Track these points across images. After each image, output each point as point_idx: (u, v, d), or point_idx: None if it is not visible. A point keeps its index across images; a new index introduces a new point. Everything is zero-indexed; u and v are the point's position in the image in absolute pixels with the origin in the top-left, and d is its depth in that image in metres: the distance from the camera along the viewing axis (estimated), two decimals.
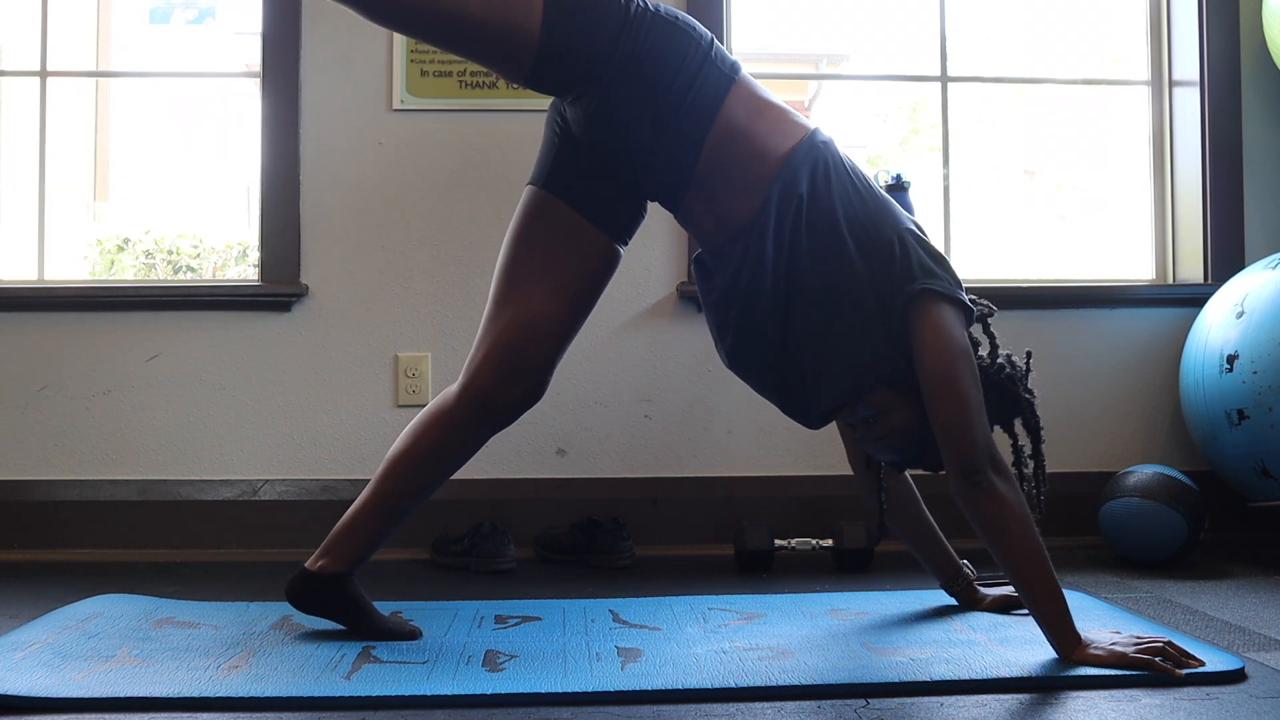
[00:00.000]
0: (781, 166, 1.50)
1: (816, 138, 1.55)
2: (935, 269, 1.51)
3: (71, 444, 2.55)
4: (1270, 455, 2.17)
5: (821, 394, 1.55)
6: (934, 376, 1.47)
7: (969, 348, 1.51)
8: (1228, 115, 2.69)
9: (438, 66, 2.61)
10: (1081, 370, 2.66)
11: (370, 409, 2.58)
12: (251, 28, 2.66)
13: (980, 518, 1.46)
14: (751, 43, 3.09)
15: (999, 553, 1.45)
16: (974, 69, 3.61)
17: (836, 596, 1.92)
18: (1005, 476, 1.47)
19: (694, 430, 2.59)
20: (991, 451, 1.48)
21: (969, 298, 1.56)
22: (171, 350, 2.57)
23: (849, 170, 1.56)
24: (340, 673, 1.40)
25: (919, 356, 1.48)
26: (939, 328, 1.47)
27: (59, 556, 2.42)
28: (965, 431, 1.46)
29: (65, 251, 3.59)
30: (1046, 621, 1.44)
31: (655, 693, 1.34)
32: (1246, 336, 2.21)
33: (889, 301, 1.50)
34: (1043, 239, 4.27)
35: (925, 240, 1.57)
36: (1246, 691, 1.35)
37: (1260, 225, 2.69)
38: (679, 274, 2.62)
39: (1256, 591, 1.98)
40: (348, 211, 2.60)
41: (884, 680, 1.38)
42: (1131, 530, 2.22)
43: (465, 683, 1.37)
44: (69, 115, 3.41)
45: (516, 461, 2.58)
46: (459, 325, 2.60)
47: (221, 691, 1.33)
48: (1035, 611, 1.45)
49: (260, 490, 2.55)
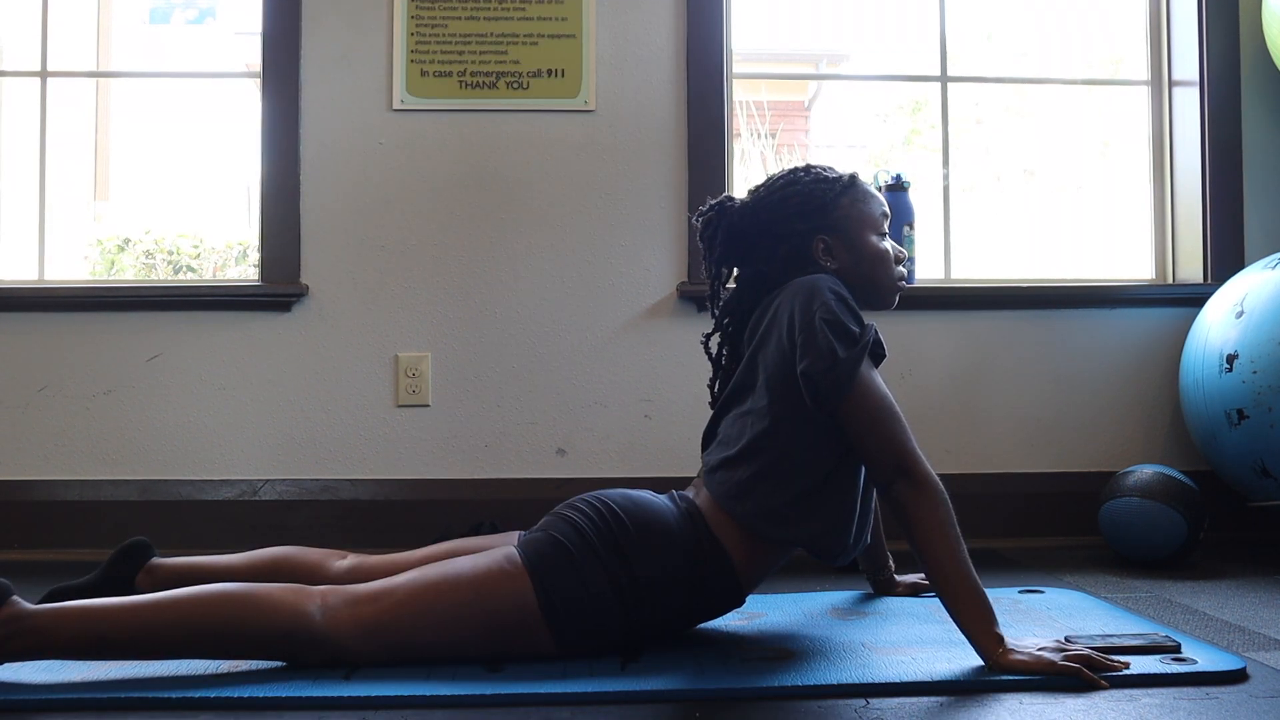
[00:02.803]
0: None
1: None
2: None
3: (71, 444, 2.55)
4: (1270, 455, 2.17)
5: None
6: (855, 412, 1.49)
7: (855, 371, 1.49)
8: (1228, 115, 2.69)
9: (438, 67, 2.61)
10: (1081, 370, 2.67)
11: (370, 409, 2.58)
12: (251, 28, 2.66)
13: (906, 516, 1.45)
14: (751, 43, 3.10)
15: (922, 551, 1.44)
16: (974, 69, 3.62)
17: (836, 596, 1.92)
18: (930, 477, 1.46)
19: (694, 430, 2.58)
20: (918, 451, 1.47)
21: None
22: (172, 350, 2.57)
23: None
24: (340, 673, 1.40)
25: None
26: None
27: (59, 556, 2.42)
28: (890, 433, 1.46)
29: (65, 251, 3.59)
30: (966, 622, 1.42)
31: (655, 693, 1.34)
32: (1246, 336, 2.21)
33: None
34: (1043, 239, 4.27)
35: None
36: (1247, 691, 1.35)
37: (1260, 225, 2.69)
38: (679, 274, 2.62)
39: (1256, 591, 1.98)
40: (348, 211, 2.60)
41: (884, 680, 1.38)
42: (1131, 530, 2.22)
43: (465, 683, 1.37)
44: (69, 115, 3.41)
45: (516, 461, 2.59)
46: (459, 325, 2.60)
47: (221, 691, 1.33)
48: (955, 612, 1.43)
49: (260, 490, 2.55)
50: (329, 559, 1.70)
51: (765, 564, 1.58)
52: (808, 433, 1.52)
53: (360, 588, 1.46)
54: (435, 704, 1.31)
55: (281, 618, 1.40)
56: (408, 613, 1.43)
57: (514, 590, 1.45)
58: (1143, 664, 1.42)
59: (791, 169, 1.70)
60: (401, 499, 2.55)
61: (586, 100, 2.63)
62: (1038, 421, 2.66)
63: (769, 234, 1.65)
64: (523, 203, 2.61)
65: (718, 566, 1.53)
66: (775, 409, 1.54)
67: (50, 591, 1.57)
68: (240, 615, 1.39)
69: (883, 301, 1.68)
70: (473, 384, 2.60)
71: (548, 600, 1.44)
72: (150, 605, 1.40)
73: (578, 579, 1.46)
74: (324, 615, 1.41)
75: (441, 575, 1.46)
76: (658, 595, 1.50)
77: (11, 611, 1.36)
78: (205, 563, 1.68)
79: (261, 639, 1.40)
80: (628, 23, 2.65)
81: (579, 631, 1.47)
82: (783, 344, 1.53)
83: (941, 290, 2.68)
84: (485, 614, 1.44)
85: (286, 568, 1.66)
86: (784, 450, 1.53)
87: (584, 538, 1.48)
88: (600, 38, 2.64)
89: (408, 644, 1.43)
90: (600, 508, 1.52)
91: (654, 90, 2.65)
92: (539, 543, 1.49)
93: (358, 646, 1.41)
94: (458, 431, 2.59)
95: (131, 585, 1.63)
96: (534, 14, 2.63)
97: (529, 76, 2.62)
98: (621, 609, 1.47)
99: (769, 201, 1.67)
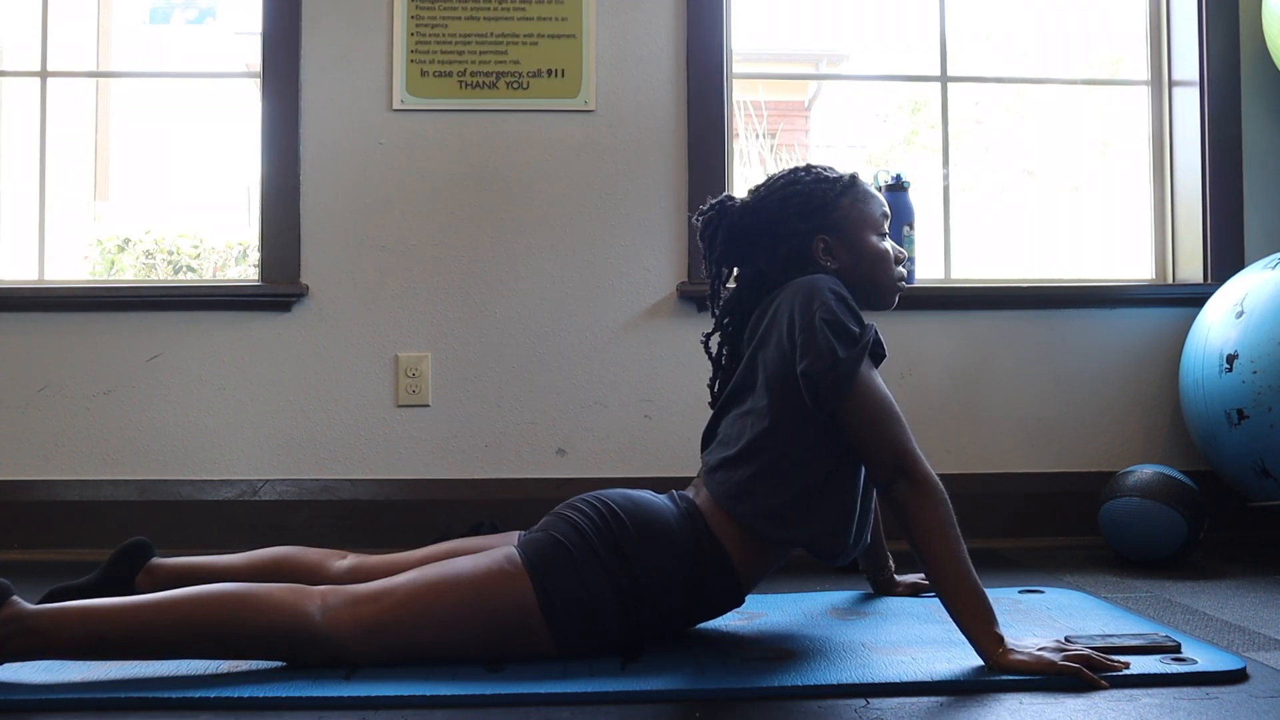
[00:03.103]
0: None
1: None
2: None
3: (71, 444, 2.55)
4: (1270, 455, 2.17)
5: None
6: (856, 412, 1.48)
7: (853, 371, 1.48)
8: (1228, 115, 2.69)
9: (438, 67, 2.61)
10: (1081, 370, 2.67)
11: (370, 409, 2.58)
12: (251, 28, 2.66)
13: (906, 516, 1.45)
14: (751, 43, 3.10)
15: (922, 551, 1.44)
16: (974, 69, 3.62)
17: (836, 596, 1.92)
18: (930, 477, 1.46)
19: (694, 430, 2.58)
20: (918, 451, 1.47)
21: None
22: (172, 350, 2.57)
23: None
24: (340, 673, 1.40)
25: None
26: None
27: (59, 556, 2.42)
28: (890, 433, 1.46)
29: (65, 251, 3.59)
30: (966, 622, 1.42)
31: (655, 693, 1.34)
32: (1246, 336, 2.21)
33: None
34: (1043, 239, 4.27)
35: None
36: (1247, 691, 1.35)
37: (1260, 225, 2.69)
38: (679, 274, 2.62)
39: (1256, 591, 1.98)
40: (348, 211, 2.60)
41: (884, 680, 1.38)
42: (1131, 530, 2.22)
43: (465, 683, 1.37)
44: (69, 115, 3.41)
45: (516, 461, 2.59)
46: (459, 325, 2.60)
47: (221, 691, 1.33)
48: (955, 613, 1.43)
49: (260, 490, 2.55)
50: (329, 559, 1.70)
51: (765, 564, 1.58)
52: (808, 433, 1.52)
53: (360, 588, 1.46)
54: (435, 704, 1.31)
55: (281, 618, 1.40)
56: (408, 613, 1.43)
57: (514, 590, 1.45)
58: (1143, 664, 1.42)
59: (792, 169, 1.71)
60: (401, 499, 2.55)
61: (586, 100, 2.63)
62: (1038, 421, 2.66)
63: (769, 234, 1.65)
64: (523, 203, 2.61)
65: (718, 566, 1.53)
66: (775, 409, 1.54)
67: (50, 591, 1.57)
68: (240, 615, 1.39)
69: (882, 302, 1.68)
70: (473, 384, 2.60)
71: (548, 600, 1.44)
72: (150, 605, 1.40)
73: (578, 579, 1.46)
74: (324, 615, 1.41)
75: (441, 575, 1.46)
76: (658, 595, 1.50)
77: (11, 612, 1.36)
78: (205, 563, 1.68)
79: (261, 639, 1.40)
80: (628, 23, 2.65)
81: (579, 631, 1.47)
82: (783, 344, 1.53)
83: (941, 290, 2.68)
84: (485, 614, 1.44)
85: (286, 568, 1.66)
86: (784, 450, 1.53)
87: (584, 538, 1.48)
88: (600, 38, 2.65)
89: (408, 644, 1.43)
90: (600, 508, 1.52)
91: (654, 90, 2.65)
92: (539, 543, 1.49)
93: (358, 646, 1.42)
94: (458, 431, 2.59)
95: (131, 585, 1.63)
96: (534, 14, 2.63)
97: (529, 76, 2.62)
98: (621, 609, 1.47)
99: (769, 201, 1.67)
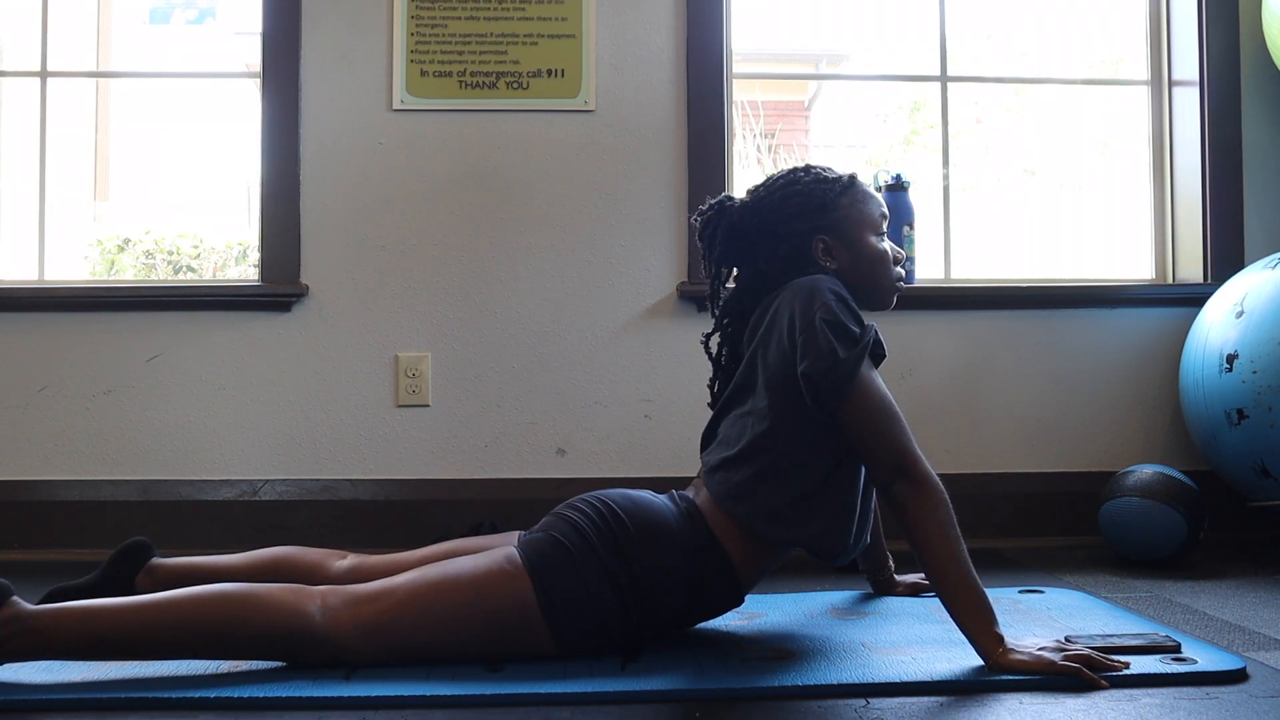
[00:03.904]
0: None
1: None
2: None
3: (71, 444, 2.55)
4: (1270, 455, 2.17)
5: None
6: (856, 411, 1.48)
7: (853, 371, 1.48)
8: (1227, 115, 2.69)
9: (438, 67, 2.61)
10: (1081, 370, 2.67)
11: (370, 409, 2.58)
12: (251, 28, 2.66)
13: (907, 516, 1.45)
14: (751, 43, 3.10)
15: (922, 551, 1.44)
16: (974, 69, 3.62)
17: (836, 596, 1.92)
18: (930, 477, 1.46)
19: (694, 430, 2.58)
20: (918, 451, 1.47)
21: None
22: (172, 350, 2.57)
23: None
24: (340, 673, 1.40)
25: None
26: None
27: (59, 556, 2.42)
28: (890, 433, 1.46)
29: (65, 251, 3.59)
30: (966, 622, 1.42)
31: (655, 693, 1.34)
32: (1246, 336, 2.21)
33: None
34: (1043, 239, 4.28)
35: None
36: (1247, 691, 1.35)
37: (1260, 225, 2.69)
38: (679, 274, 2.62)
39: (1256, 591, 1.98)
40: (348, 211, 2.60)
41: (884, 680, 1.38)
42: (1131, 530, 2.22)
43: (465, 683, 1.37)
44: (69, 115, 3.41)
45: (516, 461, 2.59)
46: (459, 325, 2.60)
47: (221, 691, 1.33)
48: (955, 612, 1.43)
49: (260, 490, 2.55)
50: (329, 559, 1.70)
51: (765, 564, 1.58)
52: (808, 433, 1.52)
53: (360, 588, 1.46)
54: (435, 704, 1.31)
55: (282, 618, 1.40)
56: (408, 613, 1.43)
57: (514, 590, 1.45)
58: (1143, 664, 1.42)
59: (791, 169, 1.71)
60: (401, 499, 2.55)
61: (586, 100, 2.63)
62: (1038, 421, 2.66)
63: (769, 234, 1.65)
64: (523, 203, 2.61)
65: (718, 566, 1.53)
66: (775, 410, 1.54)
67: (50, 592, 1.57)
68: (240, 615, 1.39)
69: (881, 302, 1.68)
70: (473, 384, 2.60)
71: (548, 600, 1.44)
72: (150, 605, 1.40)
73: (578, 579, 1.46)
74: (324, 615, 1.41)
75: (441, 575, 1.46)
76: (658, 595, 1.50)
77: (11, 612, 1.36)
78: (205, 563, 1.68)
79: (261, 639, 1.40)
80: (628, 23, 2.65)
81: (579, 631, 1.47)
82: (783, 344, 1.53)
83: (941, 290, 2.68)
84: (485, 614, 1.44)
85: (286, 568, 1.66)
86: (784, 451, 1.53)
87: (584, 538, 1.48)
88: (600, 38, 2.65)
89: (408, 644, 1.43)
90: (600, 508, 1.52)
91: (654, 90, 2.65)
92: (539, 543, 1.49)
93: (358, 646, 1.42)
94: (458, 431, 2.59)
95: (131, 585, 1.63)
96: (534, 14, 2.63)
97: (529, 76, 2.62)
98: (621, 609, 1.47)
99: (769, 201, 1.67)
